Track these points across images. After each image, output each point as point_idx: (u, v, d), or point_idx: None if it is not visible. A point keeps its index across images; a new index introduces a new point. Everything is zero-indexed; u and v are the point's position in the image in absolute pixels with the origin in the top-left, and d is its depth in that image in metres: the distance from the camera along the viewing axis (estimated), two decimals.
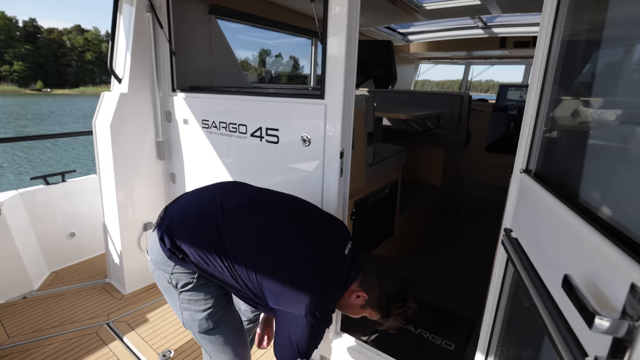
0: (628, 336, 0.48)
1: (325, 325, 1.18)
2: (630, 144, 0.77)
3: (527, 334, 1.19)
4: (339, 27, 1.48)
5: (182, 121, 2.33)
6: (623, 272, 0.50)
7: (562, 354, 0.62)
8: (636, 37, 0.78)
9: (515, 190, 1.14)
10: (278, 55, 3.91)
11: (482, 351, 1.32)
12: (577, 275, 0.60)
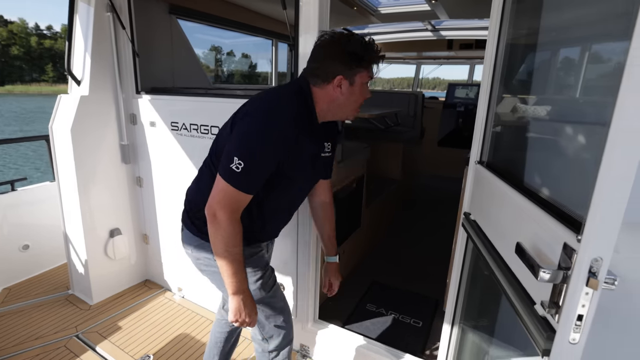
0: (563, 282, 0.64)
1: (278, 136, 1.08)
2: (558, 136, 0.96)
3: (486, 300, 1.39)
4: (310, 32, 1.58)
5: (148, 124, 2.29)
6: (558, 235, 0.66)
7: (516, 305, 0.78)
8: (565, 43, 0.98)
9: (471, 179, 1.32)
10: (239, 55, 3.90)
11: (448, 321, 1.51)
12: (525, 242, 0.76)
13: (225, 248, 1.10)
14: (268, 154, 1.08)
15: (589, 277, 0.58)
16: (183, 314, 2.34)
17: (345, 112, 1.22)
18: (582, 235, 0.58)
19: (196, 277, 2.41)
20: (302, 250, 1.88)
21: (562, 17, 1.00)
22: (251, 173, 1.07)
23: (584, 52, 0.91)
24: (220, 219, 1.08)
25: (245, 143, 1.06)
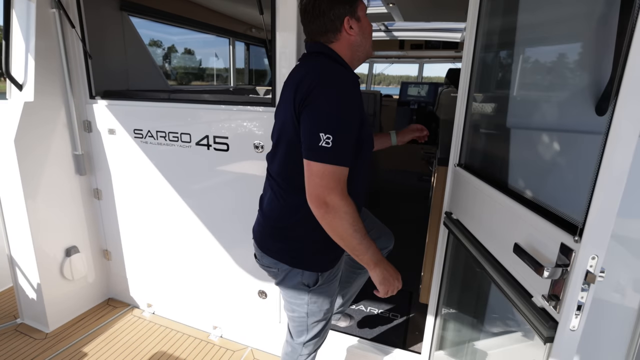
0: (561, 277, 0.72)
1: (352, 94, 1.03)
2: (534, 139, 1.07)
3: (466, 292, 1.50)
4: (288, 39, 1.58)
5: (106, 131, 2.12)
6: (554, 237, 0.75)
7: (513, 298, 0.87)
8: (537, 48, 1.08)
9: (450, 180, 1.42)
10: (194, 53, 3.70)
11: (432, 313, 1.61)
12: (521, 243, 0.85)
13: (352, 228, 1.00)
14: (353, 117, 1.02)
15: (587, 272, 0.67)
16: (156, 331, 2.22)
17: (365, 49, 1.18)
18: (582, 237, 0.67)
19: (168, 291, 2.29)
20: None
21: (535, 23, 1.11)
22: (342, 142, 0.98)
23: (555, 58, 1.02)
24: (334, 202, 0.98)
25: (328, 116, 0.98)
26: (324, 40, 1.13)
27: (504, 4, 1.27)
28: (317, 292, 1.24)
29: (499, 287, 0.94)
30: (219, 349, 2.10)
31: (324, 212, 1.00)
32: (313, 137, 0.97)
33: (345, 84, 1.04)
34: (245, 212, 1.89)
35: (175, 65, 4.04)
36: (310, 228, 1.09)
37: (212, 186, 1.93)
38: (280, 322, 2.00)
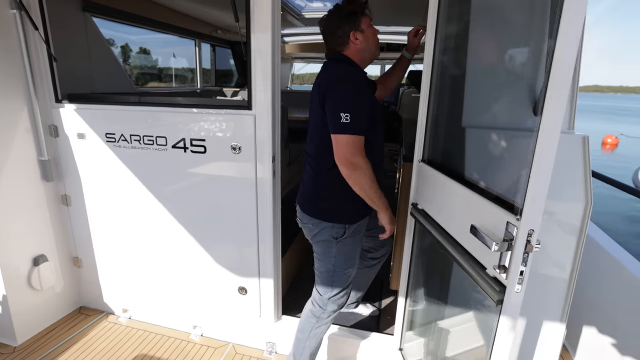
0: (507, 250, 0.88)
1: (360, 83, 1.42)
2: (485, 136, 1.24)
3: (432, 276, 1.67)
4: (263, 41, 1.65)
5: (75, 135, 2.08)
6: (501, 217, 0.91)
7: (470, 271, 1.03)
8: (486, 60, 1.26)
9: (415, 175, 1.58)
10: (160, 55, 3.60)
11: (402, 295, 1.77)
12: (476, 224, 1.01)
13: (370, 181, 1.39)
14: (362, 100, 1.40)
15: (527, 244, 0.83)
16: (134, 336, 2.21)
17: (370, 52, 1.57)
18: (522, 216, 0.83)
19: (144, 295, 2.29)
20: (262, 251, 1.96)
21: (484, 29, 1.28)
22: (357, 118, 1.34)
23: (501, 65, 1.20)
24: (358, 162, 1.36)
25: (343, 101, 1.36)
26: (339, 50, 1.53)
27: (458, 14, 1.44)
28: (343, 244, 1.58)
29: (459, 264, 1.10)
30: (200, 347, 2.14)
31: (351, 171, 1.38)
32: (336, 117, 1.34)
33: (355, 77, 1.44)
34: (223, 211, 1.95)
35: (139, 66, 3.95)
36: (338, 190, 1.49)
37: (190, 188, 1.97)
38: (261, 316, 2.08)
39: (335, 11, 1.50)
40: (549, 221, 1.14)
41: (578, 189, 1.12)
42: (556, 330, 1.22)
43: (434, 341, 1.71)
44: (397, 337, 1.90)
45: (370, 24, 1.54)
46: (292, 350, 1.79)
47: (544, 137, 0.78)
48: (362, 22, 1.51)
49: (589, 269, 2.09)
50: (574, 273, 1.15)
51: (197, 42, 3.99)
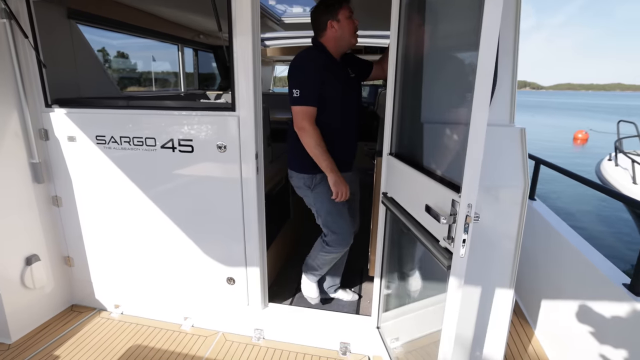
0: (453, 223, 1.07)
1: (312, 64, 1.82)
2: (438, 130, 1.43)
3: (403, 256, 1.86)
4: (245, 44, 1.79)
5: (66, 139, 2.17)
6: (448, 196, 1.10)
7: (427, 244, 1.21)
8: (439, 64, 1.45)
9: (385, 166, 1.77)
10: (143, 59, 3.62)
11: (378, 276, 1.95)
12: (430, 203, 1.19)
13: (315, 144, 1.79)
14: (311, 77, 1.79)
15: (467, 215, 1.01)
16: (127, 329, 2.31)
17: (347, 40, 1.89)
18: (461, 193, 1.01)
19: (136, 290, 2.39)
20: (249, 242, 2.10)
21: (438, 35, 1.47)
22: (306, 91, 1.77)
23: (451, 63, 1.39)
24: (306, 127, 1.78)
25: (295, 79, 1.80)
26: (318, 37, 1.90)
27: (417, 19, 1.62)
28: (316, 191, 2.00)
29: (418, 239, 1.28)
30: (192, 336, 2.26)
31: (301, 134, 1.81)
32: (290, 92, 1.80)
33: (308, 59, 1.83)
34: (210, 206, 2.08)
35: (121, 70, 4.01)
36: (300, 148, 1.87)
37: (178, 185, 2.09)
38: (249, 305, 2.23)
39: (319, 3, 1.85)
40: (495, 199, 1.33)
41: (518, 172, 1.33)
42: (506, 293, 1.42)
43: (406, 318, 1.90)
44: (374, 317, 2.08)
45: (348, 15, 1.84)
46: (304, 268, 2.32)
47: (474, 130, 0.96)
48: (340, 13, 1.82)
49: (542, 246, 2.34)
50: (518, 241, 1.35)
51: (180, 47, 4.09)
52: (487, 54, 0.93)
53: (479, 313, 1.44)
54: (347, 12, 1.84)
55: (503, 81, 1.38)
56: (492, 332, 1.47)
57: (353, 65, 2.09)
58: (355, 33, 1.90)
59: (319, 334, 2.17)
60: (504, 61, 1.36)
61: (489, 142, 1.30)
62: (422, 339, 1.66)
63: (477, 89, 0.95)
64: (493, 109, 1.37)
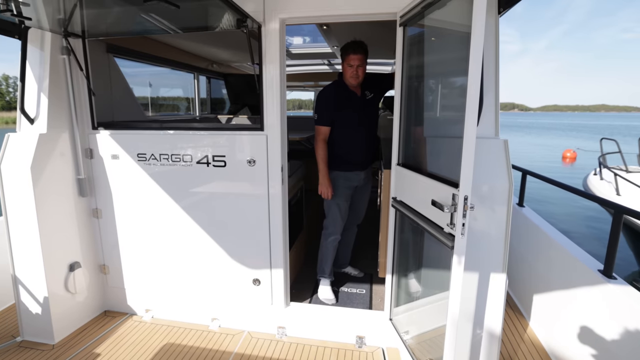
0: (454, 211, 1.37)
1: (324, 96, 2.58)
2: (439, 142, 1.75)
3: (411, 254, 2.14)
4: (274, 72, 2.13)
5: (109, 157, 2.46)
6: (449, 191, 1.40)
7: (433, 233, 1.50)
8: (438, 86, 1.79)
9: (394, 174, 2.08)
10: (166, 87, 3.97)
11: (389, 273, 2.21)
12: (435, 198, 1.50)
13: (319, 155, 2.53)
14: (322, 106, 2.54)
15: (464, 204, 1.31)
16: (159, 330, 2.52)
17: (347, 80, 2.51)
18: (459, 189, 1.32)
19: (166, 295, 2.62)
20: (274, 246, 2.36)
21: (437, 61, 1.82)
22: (320, 116, 2.52)
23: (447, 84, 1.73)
24: (318, 143, 2.54)
25: (315, 106, 2.63)
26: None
27: (417, 51, 1.98)
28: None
29: (426, 230, 1.57)
30: (220, 335, 2.48)
31: (315, 147, 2.56)
32: (314, 116, 2.56)
33: (325, 92, 2.58)
34: (240, 214, 2.36)
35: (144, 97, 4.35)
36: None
37: (211, 196, 2.38)
38: (272, 304, 2.46)
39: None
40: (486, 197, 1.64)
41: (504, 174, 1.63)
42: (500, 277, 1.70)
43: (416, 311, 2.15)
44: (387, 311, 2.33)
45: (347, 62, 2.43)
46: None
47: (466, 139, 1.28)
48: (346, 59, 2.44)
49: (531, 247, 2.63)
50: (507, 231, 1.65)
51: (195, 75, 4.47)
52: (474, 80, 1.25)
53: (478, 292, 1.71)
54: (349, 59, 2.41)
55: (488, 102, 1.72)
56: (490, 311, 1.73)
57: (373, 85, 2.66)
58: (351, 76, 2.45)
59: (337, 329, 2.40)
60: (488, 85, 1.70)
61: (479, 151, 1.63)
62: (431, 330, 1.90)
63: (467, 107, 1.27)
64: (481, 125, 1.70)
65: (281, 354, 2.29)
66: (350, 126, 2.56)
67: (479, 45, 1.24)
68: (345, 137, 2.57)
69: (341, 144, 2.57)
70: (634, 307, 1.61)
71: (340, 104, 2.51)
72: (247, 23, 1.98)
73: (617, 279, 1.83)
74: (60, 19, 2.03)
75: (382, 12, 2.00)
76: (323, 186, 2.55)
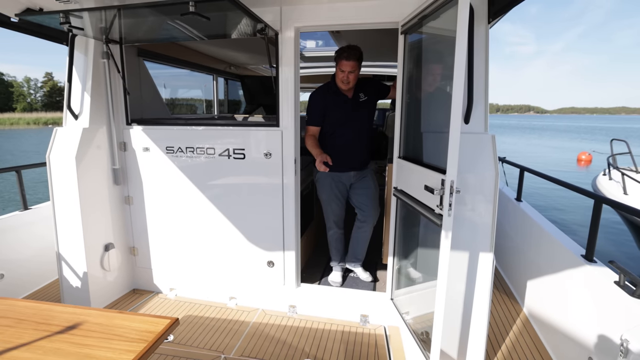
0: (443, 194, 1.59)
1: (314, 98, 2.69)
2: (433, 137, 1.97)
3: (409, 243, 2.36)
4: (289, 74, 2.39)
5: (141, 149, 2.76)
6: (438, 177, 1.63)
7: (426, 215, 1.73)
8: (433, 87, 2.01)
9: (396, 167, 2.31)
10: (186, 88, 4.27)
11: (391, 254, 2.44)
12: (427, 184, 1.72)
13: (309, 144, 2.61)
14: (312, 107, 2.67)
15: (450, 187, 1.54)
16: (182, 306, 2.80)
17: (338, 83, 2.61)
18: (446, 174, 1.54)
19: (189, 275, 2.90)
20: (287, 231, 2.62)
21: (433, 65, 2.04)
22: (310, 116, 2.67)
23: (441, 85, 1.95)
24: (307, 138, 2.64)
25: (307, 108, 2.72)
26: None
27: (416, 56, 2.20)
28: (317, 184, 2.87)
29: (420, 213, 1.79)
30: (236, 311, 2.74)
31: (305, 142, 2.63)
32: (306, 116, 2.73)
33: (314, 93, 2.69)
34: (257, 201, 2.62)
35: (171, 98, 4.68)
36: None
37: (231, 184, 2.64)
38: (285, 285, 2.71)
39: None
40: (475, 185, 1.85)
41: (490, 166, 1.84)
42: (487, 256, 1.90)
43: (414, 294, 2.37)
44: (388, 292, 2.56)
45: (340, 66, 2.51)
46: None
47: (452, 132, 1.50)
48: (339, 63, 2.52)
49: (527, 238, 2.81)
50: (494, 217, 1.85)
51: (214, 76, 4.78)
52: (458, 83, 1.48)
53: (468, 271, 1.92)
54: (341, 65, 2.50)
55: (478, 102, 1.94)
56: (479, 287, 1.94)
57: (369, 89, 2.72)
58: (342, 81, 2.55)
59: (343, 308, 2.64)
60: (478, 87, 1.92)
61: (469, 145, 1.85)
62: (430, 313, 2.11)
63: (453, 101, 1.49)
64: (472, 122, 1.91)
65: (292, 328, 2.54)
66: (339, 127, 2.65)
67: (463, 50, 1.46)
68: (333, 138, 2.66)
69: (329, 144, 2.65)
70: (610, 286, 1.80)
71: (328, 105, 2.61)
72: (266, 31, 2.24)
73: (597, 262, 2.02)
74: (102, 27, 2.33)
75: (386, 22, 2.23)
76: (318, 158, 2.48)
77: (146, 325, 1.26)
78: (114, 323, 1.30)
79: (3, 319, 1.31)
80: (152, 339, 1.19)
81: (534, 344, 2.29)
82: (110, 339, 1.20)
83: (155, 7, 1.75)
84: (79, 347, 1.16)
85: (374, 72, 5.95)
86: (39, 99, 77.74)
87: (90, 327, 1.29)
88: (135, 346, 1.14)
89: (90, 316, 1.39)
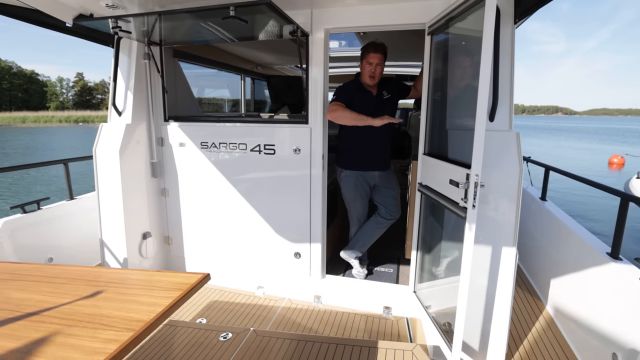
0: (467, 188, 1.66)
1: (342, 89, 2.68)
2: (458, 134, 2.04)
3: (433, 239, 2.42)
4: (318, 72, 2.51)
5: (177, 144, 2.95)
6: (463, 172, 1.70)
7: (451, 208, 1.80)
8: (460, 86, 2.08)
9: (420, 163, 2.38)
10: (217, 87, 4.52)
11: (414, 248, 2.51)
12: (452, 178, 1.79)
13: (348, 115, 2.52)
14: (341, 93, 2.65)
15: (475, 182, 1.60)
16: (213, 293, 2.97)
17: (364, 78, 2.66)
18: (471, 169, 1.60)
19: (220, 264, 3.06)
20: (313, 224, 2.73)
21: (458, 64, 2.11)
22: (338, 99, 2.61)
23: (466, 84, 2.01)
24: (336, 108, 2.52)
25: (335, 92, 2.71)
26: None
27: (442, 56, 2.27)
28: (341, 184, 2.88)
29: (445, 206, 1.86)
30: (264, 299, 2.88)
31: (335, 115, 2.54)
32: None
33: (343, 86, 2.70)
34: (286, 195, 2.75)
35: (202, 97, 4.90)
36: (340, 144, 2.83)
37: (262, 179, 2.78)
38: (310, 275, 2.83)
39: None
40: (498, 185, 1.91)
41: (515, 163, 1.89)
42: (510, 250, 1.95)
43: (437, 287, 2.43)
44: (411, 285, 2.63)
45: (366, 59, 2.57)
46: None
47: (477, 127, 1.57)
48: (366, 56, 2.58)
49: (551, 237, 2.81)
50: (517, 215, 1.89)
51: (242, 76, 4.96)
52: (484, 82, 1.55)
53: (490, 266, 1.98)
54: (368, 57, 2.55)
55: (503, 101, 1.99)
56: (501, 282, 1.99)
57: (391, 87, 2.77)
58: (370, 76, 2.58)
59: (366, 299, 2.73)
60: (504, 86, 1.97)
61: (494, 142, 1.91)
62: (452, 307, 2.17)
63: (479, 99, 1.56)
64: (497, 120, 1.96)
65: (317, 317, 2.65)
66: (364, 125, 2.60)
67: (489, 50, 1.53)
68: (357, 135, 2.66)
69: (353, 141, 2.69)
70: (636, 282, 1.81)
71: (354, 100, 2.59)
72: (297, 33, 2.36)
73: (623, 259, 2.03)
74: (144, 30, 2.52)
75: (413, 23, 2.31)
76: (376, 121, 2.47)
77: (181, 279, 1.42)
78: (154, 279, 1.46)
79: (58, 278, 1.49)
80: (187, 288, 1.35)
81: (556, 339, 2.31)
82: (152, 289, 1.36)
83: (199, 12, 1.91)
84: (125, 296, 1.33)
85: (396, 72, 6.01)
86: (70, 97, 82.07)
87: (133, 283, 1.47)
88: (172, 294, 1.31)
89: (132, 274, 1.58)
